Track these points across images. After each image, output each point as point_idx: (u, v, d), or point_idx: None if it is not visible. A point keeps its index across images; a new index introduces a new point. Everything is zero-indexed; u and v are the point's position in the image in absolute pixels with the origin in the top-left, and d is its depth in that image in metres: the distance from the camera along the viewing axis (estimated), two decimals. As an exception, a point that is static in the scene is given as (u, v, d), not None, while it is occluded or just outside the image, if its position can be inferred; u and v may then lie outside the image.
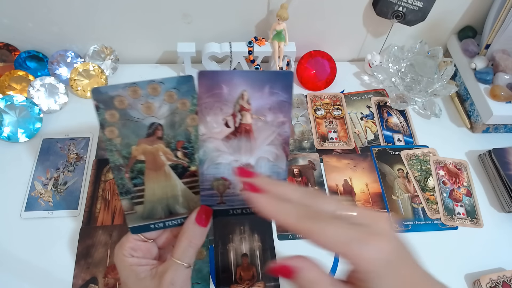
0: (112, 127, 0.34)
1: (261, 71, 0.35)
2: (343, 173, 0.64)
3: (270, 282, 0.52)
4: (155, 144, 0.36)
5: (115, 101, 0.34)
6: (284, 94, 0.35)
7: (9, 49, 0.68)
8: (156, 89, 0.34)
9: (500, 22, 0.66)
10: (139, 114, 0.35)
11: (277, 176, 0.39)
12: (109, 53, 0.72)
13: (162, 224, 0.38)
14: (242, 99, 0.35)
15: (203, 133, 0.36)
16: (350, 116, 0.71)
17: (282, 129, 0.37)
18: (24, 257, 0.52)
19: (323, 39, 0.76)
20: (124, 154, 0.35)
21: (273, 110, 0.36)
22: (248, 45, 0.69)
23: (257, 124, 0.36)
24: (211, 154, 0.37)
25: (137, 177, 0.36)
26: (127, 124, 0.35)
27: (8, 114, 0.62)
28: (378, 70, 0.74)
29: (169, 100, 0.35)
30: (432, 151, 0.67)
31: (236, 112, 0.35)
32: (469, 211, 0.61)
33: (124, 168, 0.36)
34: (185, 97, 0.35)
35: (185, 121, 0.36)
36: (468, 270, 0.56)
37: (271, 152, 0.38)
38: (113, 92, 0.33)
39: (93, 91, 0.33)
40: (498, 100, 0.66)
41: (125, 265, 0.36)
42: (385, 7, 0.69)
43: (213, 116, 0.35)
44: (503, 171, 0.62)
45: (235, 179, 0.38)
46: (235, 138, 0.36)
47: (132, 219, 0.37)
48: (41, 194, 0.57)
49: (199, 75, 0.33)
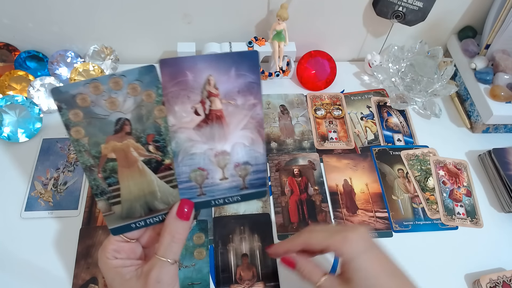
0: (77, 127, 0.33)
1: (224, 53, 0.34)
2: (343, 173, 0.64)
3: (270, 282, 0.52)
4: (125, 140, 0.35)
5: (77, 100, 0.32)
6: (251, 75, 0.34)
7: (9, 49, 0.68)
8: (118, 83, 0.33)
9: (500, 22, 0.66)
10: (103, 110, 0.33)
11: (255, 160, 0.38)
12: (109, 53, 0.72)
13: (143, 222, 0.37)
14: (209, 85, 0.34)
15: (173, 124, 0.34)
16: (350, 116, 0.71)
17: (254, 111, 0.36)
18: (24, 257, 0.52)
19: (323, 39, 0.76)
20: (94, 154, 0.34)
21: (242, 93, 0.35)
22: (248, 45, 0.69)
23: (228, 109, 0.35)
24: (184, 145, 0.36)
25: (110, 176, 0.35)
26: (93, 122, 0.33)
27: (8, 114, 0.62)
28: (378, 70, 0.74)
29: (133, 93, 0.34)
30: (432, 151, 0.67)
31: (204, 99, 0.34)
32: (469, 211, 0.61)
33: (95, 169, 0.35)
34: (149, 88, 0.34)
35: (152, 113, 0.35)
36: (468, 270, 0.56)
37: (246, 136, 0.37)
38: (73, 90, 0.32)
39: (53, 91, 0.32)
40: (498, 100, 0.66)
41: (109, 268, 0.36)
42: (385, 7, 0.69)
43: (181, 105, 0.34)
44: (503, 171, 0.62)
45: (212, 168, 0.37)
46: (207, 125, 0.35)
47: (111, 220, 0.36)
48: (41, 194, 0.57)
49: (161, 63, 0.33)
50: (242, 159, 0.37)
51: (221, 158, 0.37)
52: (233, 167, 0.37)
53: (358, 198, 0.61)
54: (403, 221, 0.59)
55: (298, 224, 0.58)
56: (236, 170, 0.38)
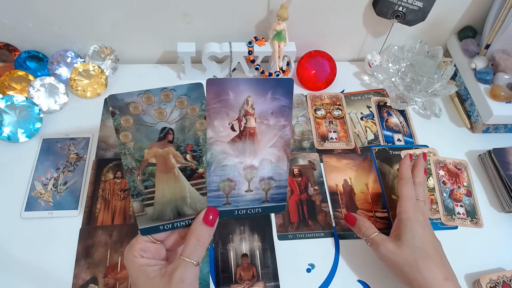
0: (126, 132, 0.36)
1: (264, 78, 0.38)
2: (343, 173, 0.64)
3: (270, 282, 0.52)
4: (166, 147, 0.38)
5: (130, 107, 0.36)
6: (285, 100, 0.38)
7: (9, 49, 0.68)
8: (168, 96, 0.36)
9: (500, 22, 0.66)
10: (152, 119, 0.37)
11: (279, 176, 0.41)
12: (109, 53, 0.72)
13: (170, 225, 0.39)
14: (247, 104, 0.38)
15: (210, 136, 0.38)
16: (350, 116, 0.71)
17: (284, 132, 0.39)
18: (24, 257, 0.52)
19: (323, 39, 0.76)
20: (137, 158, 0.37)
21: (275, 114, 0.39)
22: (248, 45, 0.69)
23: (261, 127, 0.39)
24: (218, 157, 0.39)
25: (148, 179, 0.38)
26: (141, 129, 0.37)
27: (8, 114, 0.62)
28: (378, 70, 0.74)
29: (180, 106, 0.37)
30: (432, 151, 0.67)
31: (241, 117, 0.38)
32: (469, 211, 0.61)
33: (136, 171, 0.38)
34: (195, 103, 0.37)
35: (194, 126, 0.38)
36: (468, 270, 0.56)
37: (273, 154, 0.40)
38: (128, 99, 0.35)
39: (110, 98, 0.35)
40: (498, 100, 0.66)
41: (135, 266, 0.37)
42: (385, 7, 0.69)
43: (220, 120, 0.37)
44: (503, 171, 0.62)
45: (240, 180, 0.40)
46: (240, 141, 0.39)
47: (142, 220, 0.38)
48: (41, 194, 0.57)
49: (208, 82, 0.36)
50: (267, 174, 0.41)
51: (249, 171, 0.40)
52: (258, 181, 0.41)
53: (358, 198, 0.61)
54: (403, 221, 0.59)
55: (298, 224, 0.58)
56: (260, 183, 0.41)
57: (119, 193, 0.58)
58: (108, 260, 0.52)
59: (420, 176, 0.56)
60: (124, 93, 0.35)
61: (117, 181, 0.59)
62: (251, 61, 0.70)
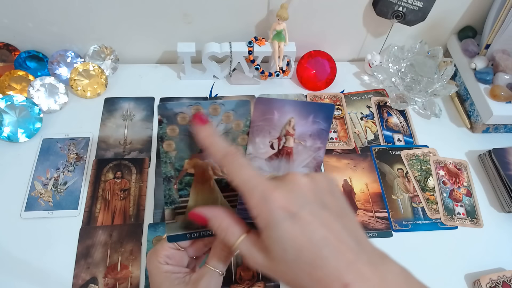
0: (170, 141, 0.37)
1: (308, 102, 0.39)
2: (343, 173, 0.64)
3: (270, 282, 0.52)
4: (206, 159, 0.38)
5: (178, 117, 0.36)
6: (324, 124, 0.39)
7: (9, 49, 0.68)
8: (216, 110, 0.37)
9: (500, 22, 0.66)
10: None
11: None
12: (109, 53, 0.72)
13: (197, 234, 0.39)
14: (289, 125, 0.38)
15: (250, 152, 0.38)
16: (350, 116, 0.71)
17: (318, 154, 0.40)
18: (24, 257, 0.52)
19: (323, 39, 0.76)
20: (177, 167, 0.37)
21: (313, 137, 0.39)
22: (248, 45, 0.69)
23: (298, 147, 0.39)
24: None
25: (184, 188, 0.38)
26: (185, 139, 0.37)
27: (8, 114, 0.62)
28: (378, 70, 0.74)
29: (226, 120, 0.37)
30: (432, 151, 0.67)
31: (282, 136, 0.39)
32: (469, 211, 0.61)
33: (174, 180, 0.38)
34: (240, 118, 0.38)
35: (236, 141, 0.38)
36: (468, 270, 0.56)
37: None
38: (178, 109, 0.36)
39: (160, 106, 0.35)
40: (498, 100, 0.66)
41: (160, 272, 0.37)
42: (385, 7, 0.69)
43: (262, 138, 0.38)
44: (503, 171, 0.62)
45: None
46: (277, 159, 0.39)
47: (171, 228, 0.39)
48: (41, 194, 0.57)
49: (257, 100, 0.37)
50: None
51: None
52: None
53: (358, 198, 0.61)
54: (402, 220, 0.59)
55: (298, 224, 0.58)
56: None
57: (119, 193, 0.58)
58: (108, 260, 0.52)
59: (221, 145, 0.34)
60: (174, 103, 0.36)
61: (117, 181, 0.59)
62: (251, 61, 0.70)
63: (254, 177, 0.31)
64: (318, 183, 0.32)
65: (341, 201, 0.33)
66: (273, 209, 0.29)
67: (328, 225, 0.29)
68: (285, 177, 0.32)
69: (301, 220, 0.28)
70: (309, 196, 0.30)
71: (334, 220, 0.29)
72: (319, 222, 0.29)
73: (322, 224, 0.29)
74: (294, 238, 0.28)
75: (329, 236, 0.28)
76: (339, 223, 0.29)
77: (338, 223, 0.29)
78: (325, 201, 0.31)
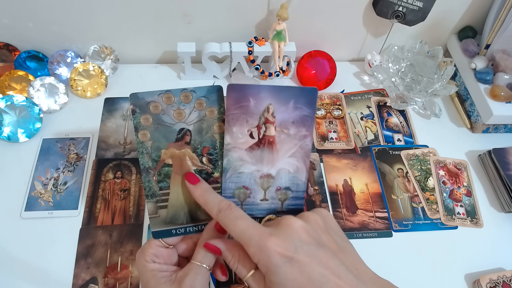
0: (145, 131, 0.36)
1: (287, 86, 0.37)
2: (343, 173, 0.64)
3: (270, 282, 0.52)
4: (183, 148, 0.38)
5: (151, 106, 0.36)
6: (307, 109, 0.37)
7: (9, 49, 0.68)
8: (188, 97, 0.37)
9: (500, 22, 0.66)
10: (170, 119, 0.37)
11: (296, 187, 0.40)
12: (109, 53, 0.72)
13: (183, 230, 0.39)
14: (268, 112, 0.37)
15: (228, 142, 0.37)
16: (350, 116, 0.71)
17: (304, 142, 0.38)
18: (24, 257, 0.52)
19: (323, 39, 0.76)
20: (154, 157, 0.37)
21: (296, 124, 0.38)
22: (248, 45, 0.69)
23: (280, 136, 0.38)
24: (235, 163, 0.38)
25: (163, 180, 0.38)
26: (159, 129, 0.37)
27: (8, 114, 0.62)
28: (378, 70, 0.74)
29: (199, 107, 0.37)
30: (432, 151, 0.67)
31: (261, 124, 0.37)
32: (469, 211, 0.61)
33: (152, 171, 0.37)
34: (213, 105, 0.37)
35: (212, 128, 0.38)
36: (468, 270, 0.56)
37: (292, 164, 0.39)
38: (149, 97, 0.36)
39: (131, 96, 0.35)
40: (498, 100, 0.66)
41: (147, 270, 0.37)
42: (385, 7, 0.69)
43: (239, 127, 0.37)
44: (503, 171, 0.62)
45: (255, 188, 0.39)
46: (259, 149, 0.38)
47: (155, 223, 0.38)
48: (41, 194, 0.57)
49: (228, 87, 0.35)
50: (284, 184, 0.40)
51: (266, 180, 0.39)
52: (274, 190, 0.40)
53: (358, 198, 0.61)
54: (402, 220, 0.59)
55: (298, 224, 0.58)
56: (277, 193, 0.40)
57: (119, 193, 0.58)
58: (108, 260, 0.52)
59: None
60: (145, 92, 0.35)
61: (117, 181, 0.59)
62: (251, 61, 0.70)
63: (249, 227, 0.33)
64: (313, 224, 0.33)
65: (338, 236, 0.34)
66: (271, 256, 0.30)
67: (325, 263, 0.30)
68: (280, 222, 0.33)
69: (299, 262, 0.30)
70: (304, 238, 0.32)
71: (331, 257, 0.31)
72: (316, 262, 0.30)
73: (320, 263, 0.30)
74: (294, 280, 0.30)
75: (327, 273, 0.29)
76: (337, 259, 0.31)
77: (336, 259, 0.31)
78: (321, 240, 0.32)
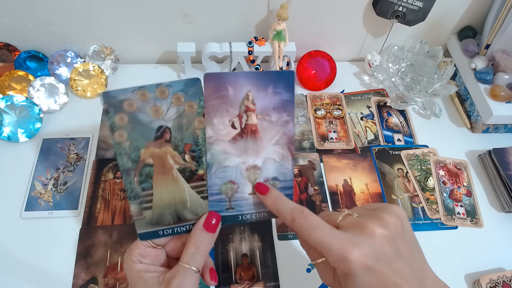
0: (121, 131, 0.35)
1: (264, 71, 0.36)
2: (343, 173, 0.64)
3: (270, 282, 0.52)
4: (163, 147, 0.36)
5: (124, 105, 0.34)
6: (286, 93, 0.36)
7: (9, 49, 0.68)
8: (164, 92, 0.35)
9: (500, 22, 0.66)
10: (147, 117, 0.35)
11: (284, 177, 0.39)
12: (109, 53, 0.72)
13: (170, 230, 0.38)
14: (247, 100, 0.36)
15: (210, 135, 0.36)
16: (350, 116, 0.71)
17: (287, 128, 0.37)
18: (24, 257, 0.52)
19: (323, 39, 0.76)
20: (133, 158, 0.35)
21: (277, 110, 0.36)
22: (248, 45, 0.69)
23: (263, 124, 0.37)
24: (219, 157, 0.37)
25: (145, 181, 0.36)
26: (136, 128, 0.35)
27: (8, 114, 0.62)
28: (378, 70, 0.74)
29: (177, 103, 0.35)
30: (432, 151, 0.67)
31: (242, 113, 0.36)
32: (469, 211, 0.61)
33: (133, 172, 0.36)
34: (192, 99, 0.35)
35: (192, 124, 0.36)
36: (468, 270, 0.56)
37: (277, 152, 0.38)
38: (122, 95, 0.34)
39: (103, 95, 0.33)
40: (498, 100, 0.66)
41: (133, 271, 0.36)
42: (385, 7, 0.69)
43: (220, 118, 0.36)
44: (503, 171, 0.62)
45: (243, 182, 0.38)
46: (242, 139, 0.37)
47: (140, 224, 0.37)
48: (41, 194, 0.57)
49: (205, 77, 0.34)
50: (271, 174, 0.38)
51: (252, 172, 0.38)
52: (262, 182, 0.39)
53: (358, 198, 0.61)
54: (403, 221, 0.59)
55: (298, 224, 0.58)
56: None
57: (119, 193, 0.58)
58: (108, 260, 0.52)
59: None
60: (118, 90, 0.34)
61: (117, 181, 0.59)
62: (251, 61, 0.70)
63: (327, 237, 0.32)
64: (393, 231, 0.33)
65: (411, 239, 0.35)
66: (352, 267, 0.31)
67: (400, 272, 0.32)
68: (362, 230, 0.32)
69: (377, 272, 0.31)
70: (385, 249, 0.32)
71: (405, 266, 0.32)
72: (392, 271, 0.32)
73: (395, 273, 0.32)
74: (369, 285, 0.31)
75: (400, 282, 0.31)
76: (409, 267, 0.33)
77: (408, 267, 0.33)
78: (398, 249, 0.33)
